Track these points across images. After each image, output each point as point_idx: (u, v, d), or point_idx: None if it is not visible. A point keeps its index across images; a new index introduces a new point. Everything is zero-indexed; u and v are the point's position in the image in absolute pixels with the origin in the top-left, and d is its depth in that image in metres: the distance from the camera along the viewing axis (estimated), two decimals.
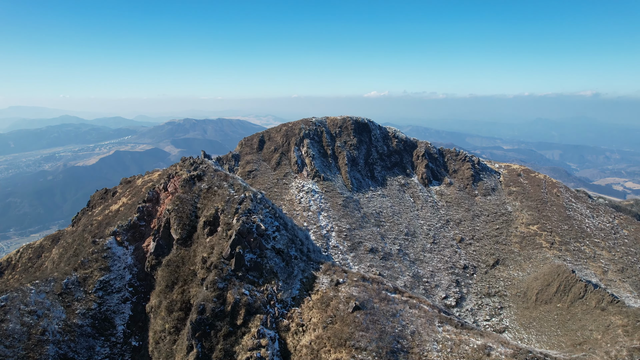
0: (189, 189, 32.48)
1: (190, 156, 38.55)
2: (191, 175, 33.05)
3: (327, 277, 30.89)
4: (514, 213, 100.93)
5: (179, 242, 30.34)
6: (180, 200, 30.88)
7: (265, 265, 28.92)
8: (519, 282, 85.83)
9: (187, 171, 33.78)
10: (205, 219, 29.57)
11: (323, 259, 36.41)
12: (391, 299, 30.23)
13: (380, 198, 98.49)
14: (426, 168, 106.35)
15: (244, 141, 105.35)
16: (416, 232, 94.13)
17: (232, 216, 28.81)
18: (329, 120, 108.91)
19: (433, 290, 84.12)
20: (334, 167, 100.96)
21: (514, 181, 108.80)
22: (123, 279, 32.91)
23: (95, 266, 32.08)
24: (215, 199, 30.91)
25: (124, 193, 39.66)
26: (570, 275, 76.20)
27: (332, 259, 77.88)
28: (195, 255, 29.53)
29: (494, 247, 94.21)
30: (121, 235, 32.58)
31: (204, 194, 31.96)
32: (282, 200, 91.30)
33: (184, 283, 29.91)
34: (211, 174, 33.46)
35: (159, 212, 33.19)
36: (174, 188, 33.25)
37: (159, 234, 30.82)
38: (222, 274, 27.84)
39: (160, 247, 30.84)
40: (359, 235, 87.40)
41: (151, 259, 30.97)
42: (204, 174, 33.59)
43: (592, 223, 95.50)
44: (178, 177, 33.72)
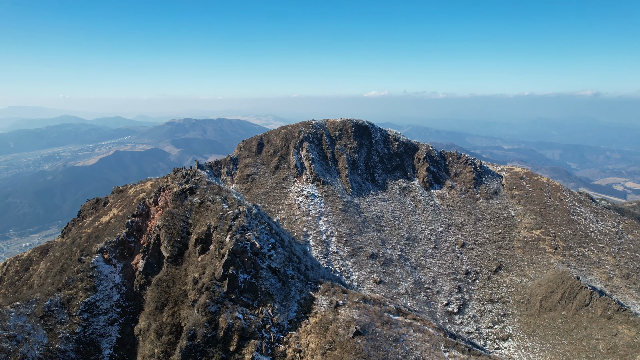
0: (180, 204, 30.86)
1: (183, 167, 36.75)
2: (183, 188, 31.28)
3: (326, 298, 29.24)
4: (516, 217, 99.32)
5: (170, 260, 28.63)
6: (170, 215, 29.24)
7: (261, 286, 27.26)
8: (522, 288, 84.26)
9: (178, 184, 31.97)
10: (197, 237, 27.85)
11: (322, 274, 34.84)
12: (394, 321, 28.63)
13: (380, 202, 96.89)
14: (427, 171, 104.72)
15: (242, 144, 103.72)
16: (417, 237, 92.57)
17: (225, 234, 27.17)
18: (329, 123, 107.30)
19: (435, 296, 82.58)
20: (334, 171, 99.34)
21: (517, 184, 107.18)
22: (110, 300, 31.20)
23: (80, 286, 30.40)
24: (208, 215, 29.24)
25: (115, 203, 38.08)
26: (575, 282, 74.62)
27: (331, 271, 76.29)
28: (187, 274, 27.87)
29: (496, 252, 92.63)
30: (109, 252, 30.86)
31: (196, 209, 30.34)
32: (281, 204, 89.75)
33: (175, 304, 28.28)
34: (204, 186, 31.74)
35: (149, 227, 31.52)
36: (164, 202, 31.60)
37: (148, 252, 29.15)
38: (214, 297, 26.24)
39: (150, 266, 29.18)
40: (360, 240, 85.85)
41: (140, 278, 29.29)
42: (196, 187, 31.89)
43: (596, 227, 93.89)
44: (169, 190, 31.96)
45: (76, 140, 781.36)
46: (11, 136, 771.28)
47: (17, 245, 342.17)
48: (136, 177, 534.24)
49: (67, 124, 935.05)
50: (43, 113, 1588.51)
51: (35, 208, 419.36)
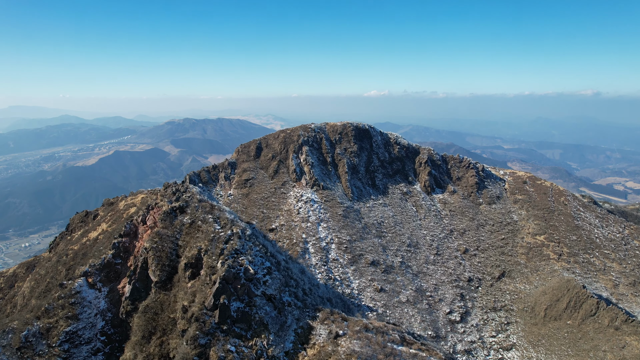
0: (170, 223, 29.02)
1: (175, 181, 34.90)
2: (172, 207, 29.40)
3: (325, 327, 27.44)
4: (519, 222, 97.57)
5: (158, 285, 26.81)
6: (159, 236, 27.40)
7: (255, 315, 25.42)
8: (525, 296, 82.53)
9: (168, 202, 30.06)
10: (187, 261, 25.98)
11: (322, 294, 33.09)
12: (398, 352, 26.81)
13: (381, 207, 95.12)
14: (429, 175, 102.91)
15: (240, 148, 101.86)
16: (419, 243, 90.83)
17: (217, 258, 25.36)
18: (329, 126, 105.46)
19: (437, 304, 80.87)
20: (334, 175, 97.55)
21: (520, 189, 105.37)
22: (94, 328, 29.23)
23: (61, 314, 28.39)
24: (199, 237, 27.42)
25: (104, 217, 36.34)
26: (580, 290, 72.88)
27: (330, 279, 74.47)
28: (176, 300, 26.08)
29: (499, 258, 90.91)
30: (93, 276, 28.88)
31: (186, 230, 28.50)
32: (280, 210, 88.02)
33: (163, 333, 26.48)
34: (195, 205, 29.84)
35: (136, 248, 29.70)
36: (153, 221, 29.77)
37: (135, 276, 27.27)
38: (205, 328, 24.42)
39: (137, 291, 27.33)
40: (360, 247, 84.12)
41: (126, 305, 27.45)
42: (187, 205, 29.97)
43: (601, 233, 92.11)
44: (158, 209, 30.06)
45: (76, 140, 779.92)
46: (11, 136, 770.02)
47: (16, 246, 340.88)
48: (136, 177, 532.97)
49: (67, 123, 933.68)
50: (43, 113, 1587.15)
51: (35, 208, 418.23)
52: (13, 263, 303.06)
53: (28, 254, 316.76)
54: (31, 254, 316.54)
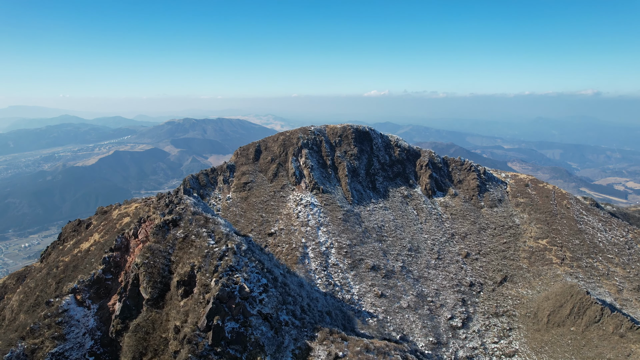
0: (162, 237, 27.86)
1: (169, 192, 33.65)
2: (165, 220, 28.30)
3: (324, 348, 26.31)
4: (522, 226, 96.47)
5: (149, 302, 25.63)
6: (151, 251, 26.26)
7: (250, 336, 24.26)
8: (528, 301, 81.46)
9: (160, 214, 28.88)
10: (179, 278, 24.81)
11: (322, 307, 32.00)
12: None
13: (382, 211, 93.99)
14: (430, 178, 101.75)
15: (239, 151, 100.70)
16: (420, 247, 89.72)
17: (211, 275, 24.24)
18: (329, 128, 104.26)
19: (438, 310, 79.77)
20: (334, 179, 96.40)
21: (522, 192, 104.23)
22: (82, 348, 27.98)
23: (47, 334, 27.10)
24: (192, 252, 26.27)
25: (97, 227, 35.24)
26: (584, 296, 71.75)
27: (330, 284, 73.30)
28: (168, 319, 24.99)
29: (501, 262, 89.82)
30: (82, 292, 27.60)
31: (179, 244, 27.36)
32: (280, 214, 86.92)
33: (154, 354, 25.32)
34: (189, 217, 28.63)
35: (128, 263, 28.61)
36: (145, 235, 28.62)
37: (125, 293, 26.07)
38: (197, 350, 23.30)
39: (128, 309, 26.18)
40: (360, 251, 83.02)
41: (116, 323, 26.25)
42: (180, 218, 28.72)
43: (604, 237, 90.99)
44: (150, 222, 28.90)
45: (76, 140, 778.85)
46: (11, 136, 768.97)
47: (16, 246, 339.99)
48: (136, 177, 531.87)
49: (67, 123, 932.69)
50: (43, 113, 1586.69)
51: (35, 208, 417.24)
52: (13, 263, 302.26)
53: (28, 254, 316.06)
54: (31, 255, 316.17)
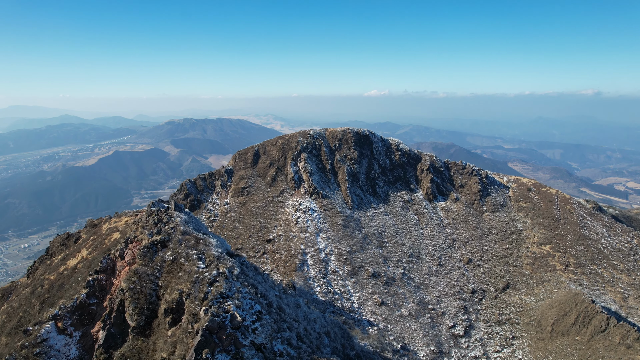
0: (150, 260, 26.30)
1: (159, 208, 31.96)
2: (153, 241, 26.82)
3: None
4: (524, 231, 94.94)
5: (135, 331, 24.00)
6: (137, 275, 24.71)
7: None
8: (531, 309, 79.93)
9: (148, 234, 27.43)
10: (167, 306, 23.27)
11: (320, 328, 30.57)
12: None
13: (382, 216, 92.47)
14: (431, 183, 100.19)
15: (237, 155, 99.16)
16: (421, 254, 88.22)
17: (200, 303, 22.66)
18: (328, 132, 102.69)
19: (440, 318, 78.28)
20: (333, 183, 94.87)
21: (524, 196, 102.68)
22: None
23: None
24: (181, 277, 24.70)
25: (86, 242, 33.72)
26: (589, 305, 70.24)
27: (330, 292, 71.70)
28: (155, 349, 23.43)
29: (503, 268, 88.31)
30: (64, 319, 25.87)
31: (167, 267, 25.77)
32: (278, 220, 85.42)
33: None
34: (178, 238, 26.97)
35: (114, 285, 27.09)
36: (132, 257, 27.05)
37: (110, 320, 24.44)
38: None
39: (112, 337, 24.51)
40: (360, 258, 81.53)
41: (100, 353, 24.56)
42: (170, 238, 27.04)
43: (609, 243, 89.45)
44: (137, 242, 27.25)
45: (76, 140, 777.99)
46: (11, 136, 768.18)
47: (16, 247, 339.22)
48: (136, 177, 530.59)
49: (67, 123, 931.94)
50: (43, 112, 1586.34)
51: (35, 209, 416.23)
52: (12, 264, 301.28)
53: (27, 255, 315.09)
54: (30, 255, 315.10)
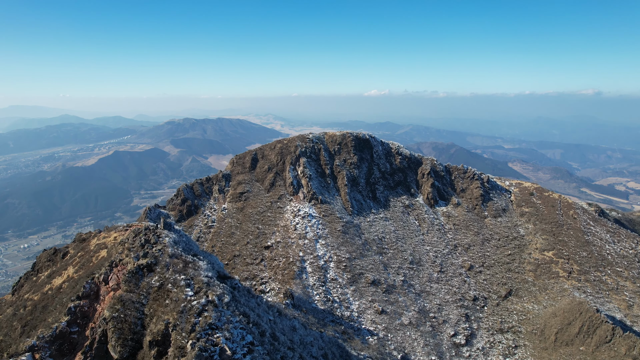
0: (135, 285, 24.72)
1: (147, 227, 30.18)
2: (139, 264, 25.32)
3: None
4: (526, 237, 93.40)
5: None
6: (122, 303, 23.16)
7: None
8: (534, 317, 78.45)
9: (134, 257, 25.87)
10: (152, 338, 21.84)
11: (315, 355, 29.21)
12: None
13: (382, 222, 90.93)
14: (432, 187, 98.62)
15: (235, 159, 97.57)
16: (422, 260, 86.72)
17: (187, 336, 21.13)
18: (328, 136, 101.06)
19: (441, 326, 76.84)
20: (333, 188, 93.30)
21: (526, 201, 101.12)
22: None
23: None
24: (168, 305, 23.06)
25: (73, 259, 32.20)
26: (594, 314, 68.74)
27: (329, 301, 70.17)
28: None
29: (505, 275, 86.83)
30: (42, 350, 24.07)
31: (154, 294, 24.18)
32: (277, 226, 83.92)
33: None
34: (166, 261, 25.28)
35: (97, 312, 25.59)
36: (116, 282, 25.50)
37: (91, 352, 23.02)
38: None
39: None
40: (360, 265, 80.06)
41: None
42: (157, 262, 25.33)
43: (613, 249, 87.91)
44: (122, 266, 25.69)
45: (76, 140, 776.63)
46: (10, 136, 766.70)
47: (15, 247, 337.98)
48: (136, 177, 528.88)
49: (67, 123, 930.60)
50: (43, 112, 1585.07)
51: (34, 209, 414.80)
52: (12, 264, 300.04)
53: (27, 255, 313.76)
54: (30, 256, 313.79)
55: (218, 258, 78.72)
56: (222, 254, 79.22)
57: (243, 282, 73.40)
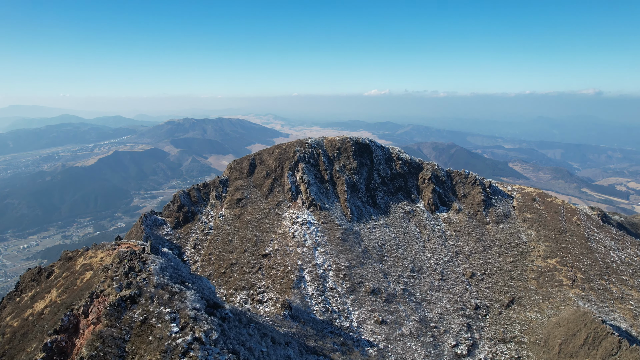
0: (117, 319, 22.98)
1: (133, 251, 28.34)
2: (122, 296, 23.62)
3: None
4: (529, 244, 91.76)
5: None
6: (101, 339, 21.40)
7: None
8: (537, 327, 76.86)
9: (117, 288, 24.08)
10: None
11: None
12: None
13: (382, 228, 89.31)
14: (433, 193, 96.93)
15: (232, 164, 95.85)
16: (422, 268, 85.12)
17: None
18: (327, 141, 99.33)
19: (442, 336, 75.26)
20: (332, 194, 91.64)
21: (529, 206, 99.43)
22: None
23: None
24: (151, 343, 21.32)
25: (57, 279, 30.55)
26: (599, 326, 67.12)
27: (327, 310, 68.50)
28: None
29: (508, 283, 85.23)
30: None
31: (137, 329, 22.43)
32: (274, 233, 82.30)
33: None
34: (151, 292, 23.33)
35: (76, 347, 23.92)
36: (97, 315, 23.86)
37: None
38: None
39: None
40: (360, 273, 78.45)
41: None
42: (140, 293, 23.43)
43: (617, 257, 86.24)
44: (104, 297, 24.02)
45: (76, 139, 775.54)
46: (10, 136, 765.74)
47: (15, 247, 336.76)
48: (135, 177, 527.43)
49: (67, 123, 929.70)
50: (43, 112, 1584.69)
51: (34, 209, 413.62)
52: (11, 265, 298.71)
53: (26, 256, 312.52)
54: (29, 256, 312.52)
55: (215, 266, 77.22)
56: (219, 262, 77.67)
57: (240, 292, 71.88)
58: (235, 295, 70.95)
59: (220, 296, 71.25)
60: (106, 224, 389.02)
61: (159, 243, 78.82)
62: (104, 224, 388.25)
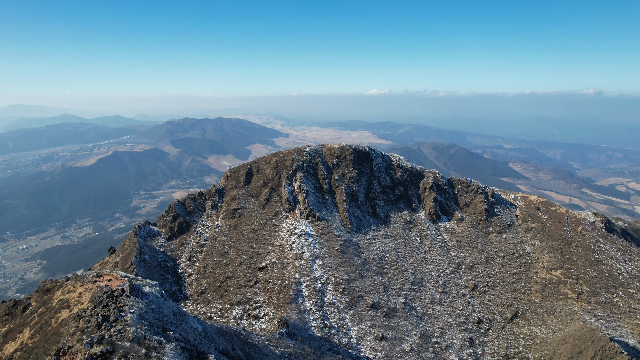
0: None
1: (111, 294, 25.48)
2: (92, 354, 21.10)
3: None
4: (533, 254, 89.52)
5: None
6: None
7: None
8: (542, 342, 74.61)
9: (86, 345, 21.48)
10: None
11: None
12: None
13: (383, 239, 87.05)
14: (434, 202, 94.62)
15: (229, 173, 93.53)
16: (424, 280, 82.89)
17: None
18: (325, 149, 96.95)
19: (444, 352, 73.02)
20: (331, 204, 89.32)
21: (532, 216, 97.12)
22: None
23: None
24: None
25: (32, 316, 28.33)
26: (607, 344, 64.84)
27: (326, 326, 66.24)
28: None
29: (511, 296, 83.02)
30: None
31: None
32: (272, 245, 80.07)
33: None
34: (125, 347, 20.60)
35: None
36: None
37: None
38: None
39: None
40: (359, 287, 76.23)
41: None
42: (113, 349, 20.58)
43: (624, 269, 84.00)
44: (71, 355, 21.72)
45: (75, 139, 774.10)
46: (10, 135, 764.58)
47: (14, 248, 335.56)
48: (135, 177, 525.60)
49: (67, 123, 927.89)
50: (43, 112, 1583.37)
51: (33, 209, 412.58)
52: (10, 266, 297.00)
53: (25, 256, 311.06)
54: (28, 257, 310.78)
55: (210, 279, 74.96)
56: (214, 275, 75.47)
57: (236, 307, 69.67)
58: (231, 311, 68.76)
59: (216, 311, 69.13)
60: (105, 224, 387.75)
61: (153, 255, 76.70)
62: (103, 225, 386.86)
